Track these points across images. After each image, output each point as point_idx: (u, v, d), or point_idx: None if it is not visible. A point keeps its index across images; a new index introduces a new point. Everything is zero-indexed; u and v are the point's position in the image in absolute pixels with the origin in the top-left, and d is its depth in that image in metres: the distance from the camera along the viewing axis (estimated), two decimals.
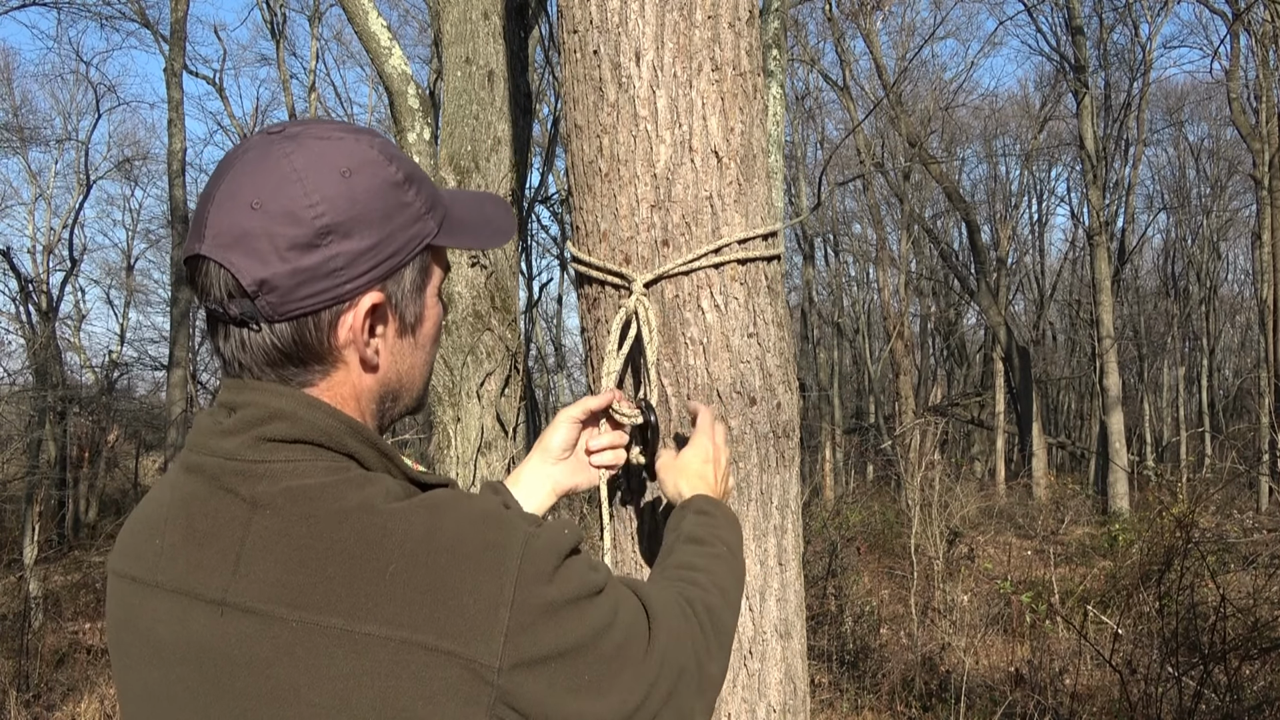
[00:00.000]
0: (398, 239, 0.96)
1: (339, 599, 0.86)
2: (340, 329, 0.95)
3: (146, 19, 21.17)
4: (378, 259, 0.95)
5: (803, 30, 22.76)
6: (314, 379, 0.97)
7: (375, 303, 0.96)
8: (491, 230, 1.09)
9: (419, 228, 0.98)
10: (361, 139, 0.97)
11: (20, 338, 21.96)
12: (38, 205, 27.96)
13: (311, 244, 0.91)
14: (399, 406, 1.05)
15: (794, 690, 1.64)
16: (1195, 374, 31.23)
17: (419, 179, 1.00)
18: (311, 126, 0.97)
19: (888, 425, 24.17)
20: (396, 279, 0.98)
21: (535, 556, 0.90)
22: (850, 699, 7.44)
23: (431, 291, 1.03)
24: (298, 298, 0.92)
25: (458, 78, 4.58)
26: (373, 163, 0.95)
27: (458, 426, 4.52)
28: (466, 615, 0.86)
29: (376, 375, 1.00)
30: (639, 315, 1.56)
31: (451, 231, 1.03)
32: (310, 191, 0.91)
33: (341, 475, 0.92)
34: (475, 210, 1.09)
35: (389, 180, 0.96)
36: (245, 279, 0.90)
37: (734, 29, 1.59)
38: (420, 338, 1.04)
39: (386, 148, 0.98)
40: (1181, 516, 6.83)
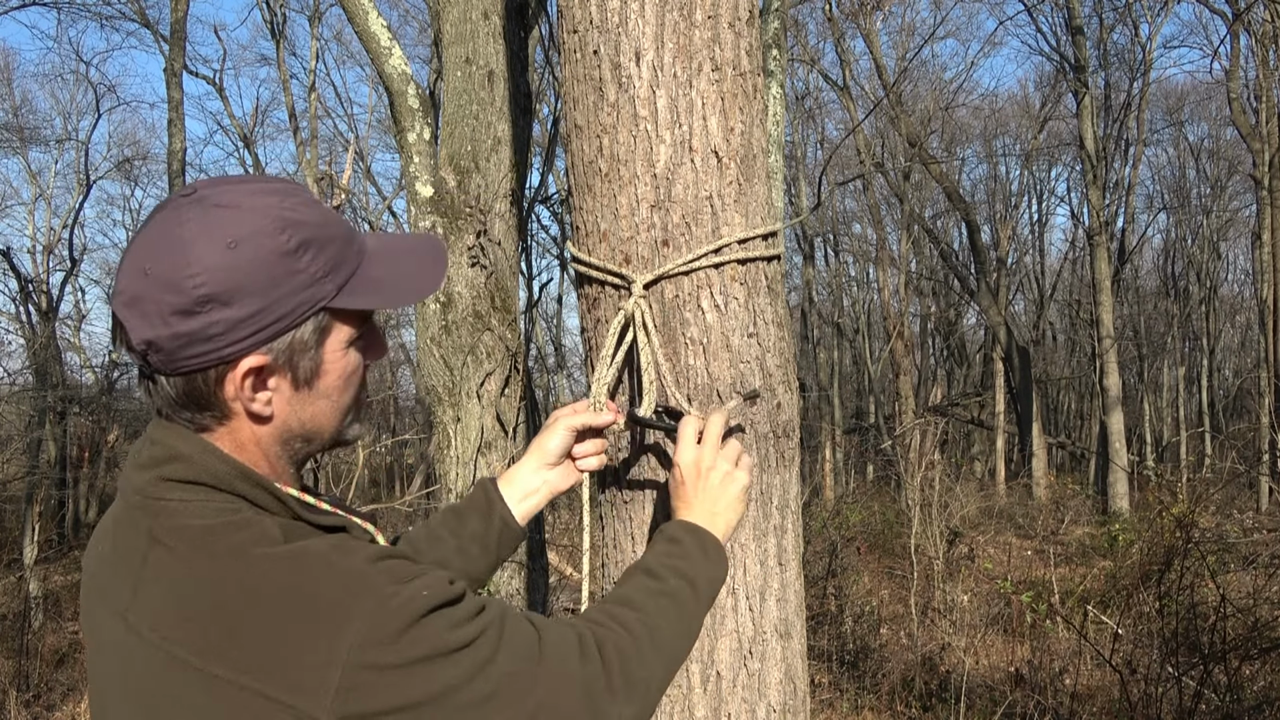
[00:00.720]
0: (283, 305, 1.02)
1: (199, 639, 0.96)
2: (226, 385, 1.03)
3: (146, 19, 21.18)
4: (259, 325, 1.02)
5: (803, 30, 22.77)
6: (212, 425, 1.06)
7: (253, 366, 1.03)
8: (405, 289, 1.12)
9: (311, 293, 1.04)
10: (259, 209, 1.02)
11: (20, 338, 21.97)
12: (38, 205, 27.98)
13: (191, 311, 0.99)
14: (312, 446, 1.14)
15: (794, 690, 1.64)
16: (1195, 374, 31.23)
17: (321, 242, 1.05)
18: (220, 190, 1.03)
19: (888, 425, 24.17)
20: (284, 340, 1.04)
21: (382, 620, 0.96)
22: (850, 699, 7.44)
23: (334, 346, 1.09)
24: (182, 357, 1.01)
25: (458, 78, 4.58)
26: (262, 233, 1.01)
27: (458, 426, 4.52)
28: (302, 670, 0.94)
29: (270, 425, 1.08)
30: (636, 319, 1.56)
31: (354, 292, 1.08)
32: (193, 262, 0.99)
33: (228, 518, 1.01)
34: (393, 267, 1.13)
35: (277, 250, 1.01)
36: (135, 338, 1.01)
37: (734, 29, 1.59)
38: (322, 388, 1.10)
39: (288, 212, 1.03)
40: (1181, 516, 6.83)
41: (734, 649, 1.59)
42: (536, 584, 4.83)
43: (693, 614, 1.29)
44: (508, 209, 4.66)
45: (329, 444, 1.15)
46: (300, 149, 21.16)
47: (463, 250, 4.50)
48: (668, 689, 1.59)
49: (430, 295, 1.21)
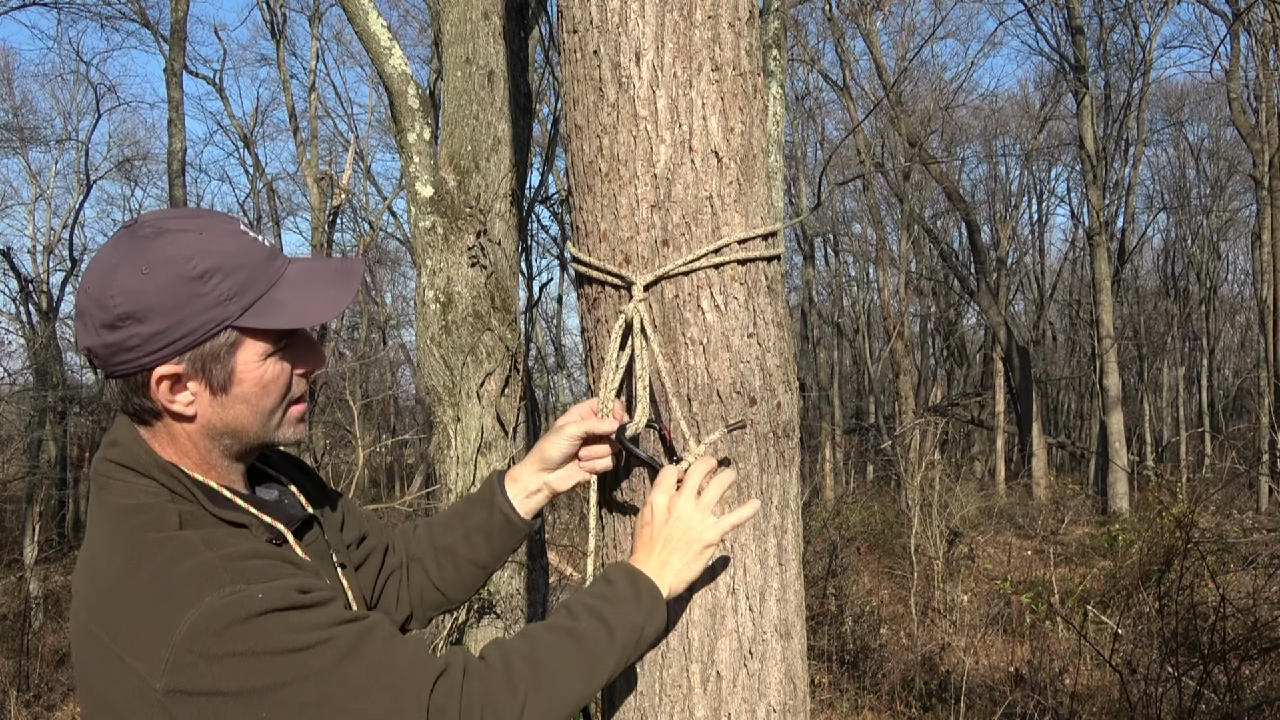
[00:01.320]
0: (190, 323, 1.18)
1: (94, 601, 1.18)
2: (150, 390, 1.22)
3: (146, 19, 21.18)
4: (168, 340, 1.18)
5: (803, 30, 22.77)
6: (151, 420, 1.25)
7: (165, 374, 1.21)
8: (307, 312, 1.24)
9: (214, 314, 1.19)
10: (176, 240, 1.18)
11: (20, 338, 21.97)
12: (38, 205, 27.98)
13: (114, 325, 1.17)
14: (241, 443, 1.29)
15: (794, 690, 1.64)
16: (1195, 374, 31.24)
17: (230, 269, 1.20)
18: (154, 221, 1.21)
19: (888, 425, 24.17)
20: (196, 352, 1.20)
21: (210, 615, 1.09)
22: (850, 699, 7.44)
23: (246, 360, 1.23)
24: (114, 363, 1.20)
25: (458, 78, 4.58)
26: (172, 260, 1.17)
27: (458, 426, 4.52)
28: (145, 642, 1.11)
29: (195, 424, 1.25)
30: (635, 324, 1.55)
31: (259, 313, 1.22)
32: (115, 284, 1.17)
33: (141, 499, 1.21)
34: (302, 291, 1.25)
35: (183, 275, 1.17)
36: (80, 345, 1.22)
37: (734, 29, 1.59)
38: (238, 395, 1.25)
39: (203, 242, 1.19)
40: (1181, 516, 6.83)
41: (734, 649, 1.59)
42: (536, 584, 4.83)
43: (598, 657, 1.32)
44: (508, 209, 4.66)
45: (257, 442, 1.29)
46: (300, 149, 21.17)
47: (463, 250, 4.50)
48: (668, 689, 1.59)
49: (331, 319, 1.31)
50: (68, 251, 24.37)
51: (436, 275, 4.54)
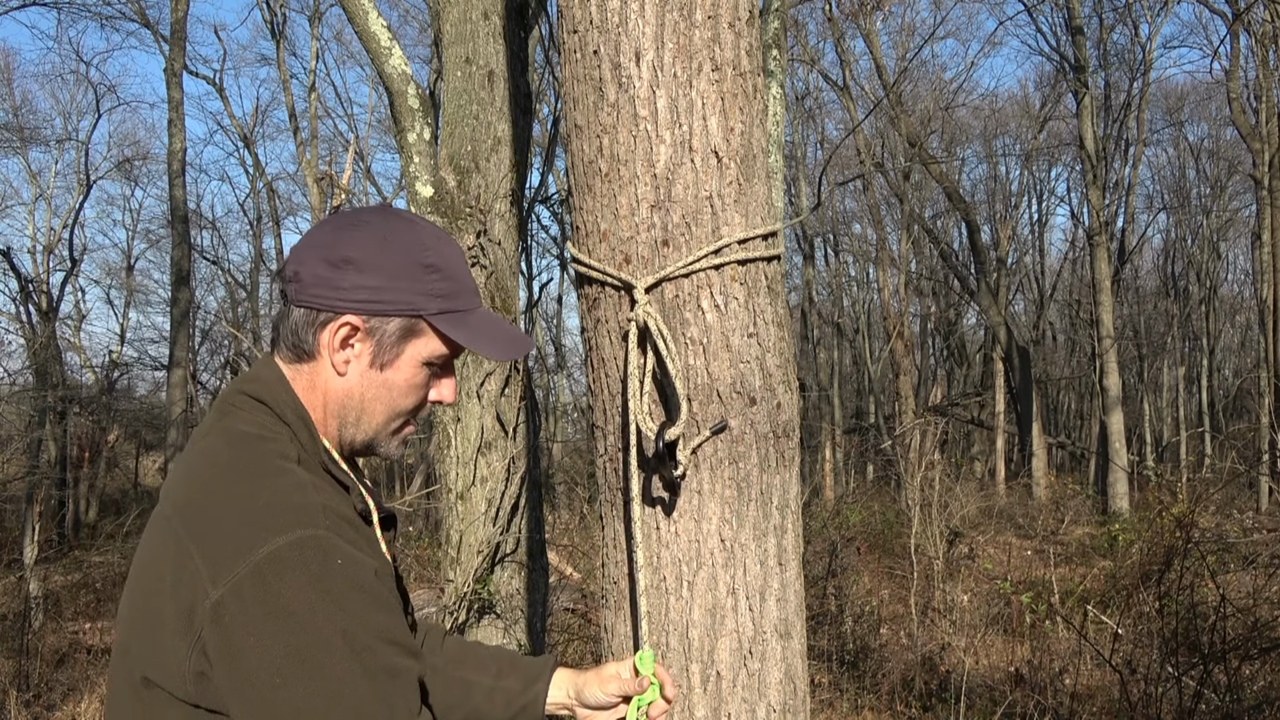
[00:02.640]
0: (395, 294, 1.26)
1: (187, 500, 1.19)
2: (324, 331, 1.27)
3: (146, 19, 21.17)
4: (371, 297, 1.26)
5: (803, 30, 22.76)
6: (301, 361, 1.30)
7: (350, 322, 1.27)
8: (484, 343, 1.33)
9: (418, 300, 1.28)
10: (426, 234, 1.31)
11: (20, 338, 21.97)
12: (38, 205, 27.96)
13: (334, 263, 1.26)
14: (359, 430, 1.33)
15: (794, 690, 1.64)
16: (1195, 374, 31.22)
17: (449, 276, 1.30)
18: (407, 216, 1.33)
19: (888, 425, 24.16)
20: (382, 320, 1.27)
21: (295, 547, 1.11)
22: (850, 699, 7.44)
23: (414, 353, 1.30)
24: (310, 293, 1.26)
25: (458, 78, 4.58)
26: (411, 244, 1.29)
27: (458, 426, 4.52)
28: (224, 549, 1.11)
29: (342, 384, 1.30)
30: (650, 327, 1.55)
31: (450, 322, 1.31)
32: (356, 236, 1.27)
33: (272, 433, 1.24)
34: (487, 329, 1.35)
35: (416, 260, 1.28)
36: (290, 267, 1.28)
37: (734, 29, 1.59)
38: (388, 379, 1.31)
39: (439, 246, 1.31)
40: (1181, 516, 6.83)
41: (734, 649, 1.59)
42: (536, 584, 4.83)
43: None
44: (508, 209, 4.66)
45: (370, 437, 1.33)
46: (300, 149, 21.17)
47: (463, 250, 4.50)
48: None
49: (497, 359, 1.45)
50: (68, 251, 24.36)
51: None
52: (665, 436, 1.53)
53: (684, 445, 1.55)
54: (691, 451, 1.56)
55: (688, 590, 1.59)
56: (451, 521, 4.58)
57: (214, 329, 28.35)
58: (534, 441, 4.87)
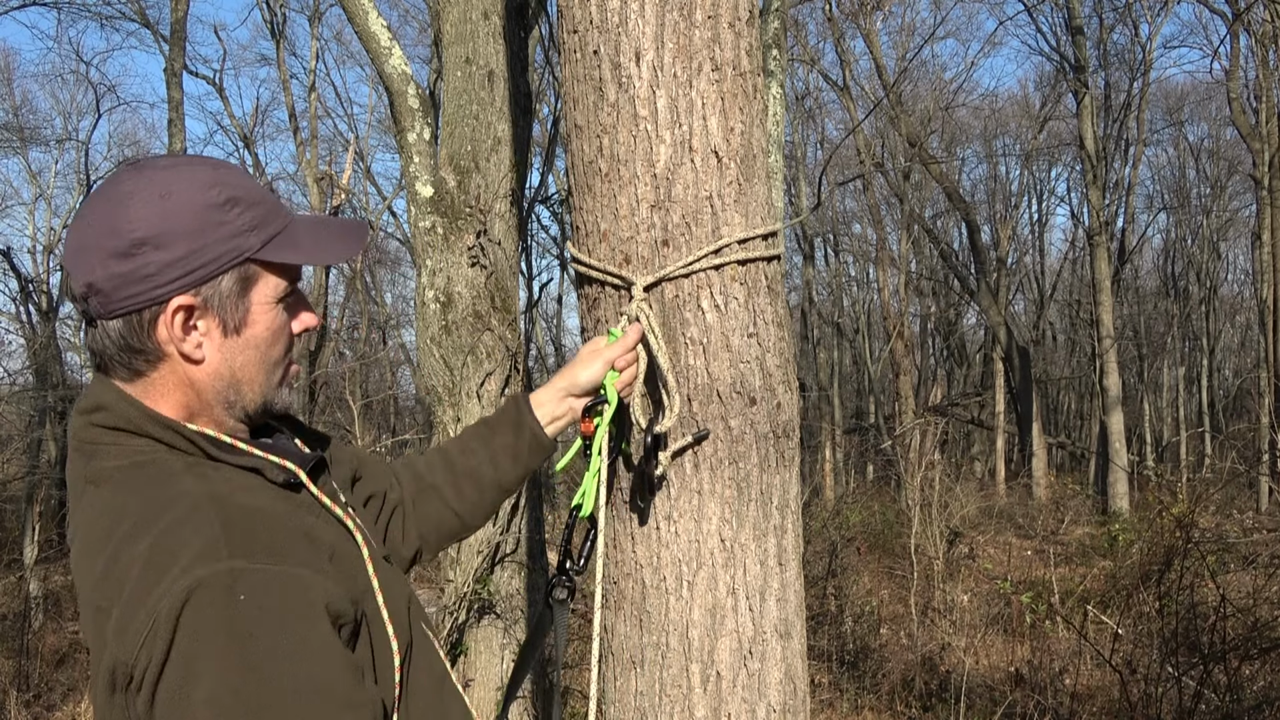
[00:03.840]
0: (211, 251, 1.12)
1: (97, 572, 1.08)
2: (159, 328, 1.13)
3: (146, 19, 21.17)
4: (188, 268, 1.11)
5: (803, 30, 22.76)
6: (146, 370, 1.16)
7: (182, 304, 1.13)
8: (323, 252, 1.22)
9: (237, 243, 1.14)
10: (197, 167, 1.15)
11: (20, 338, 21.96)
12: (38, 205, 27.95)
13: (127, 254, 1.09)
14: (245, 400, 1.21)
15: (794, 690, 1.64)
16: (1195, 374, 31.23)
17: (250, 202, 1.16)
18: (160, 159, 1.17)
19: (888, 425, 24.16)
20: (213, 285, 1.14)
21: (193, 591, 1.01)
22: (850, 699, 7.44)
23: (261, 299, 1.18)
24: (119, 299, 1.11)
25: (458, 78, 4.58)
26: (193, 187, 1.13)
27: (458, 426, 4.52)
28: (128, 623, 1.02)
29: (204, 368, 1.17)
30: (643, 323, 1.56)
31: (278, 248, 1.18)
32: (131, 211, 1.10)
33: (146, 456, 1.13)
34: (316, 235, 1.24)
35: (206, 202, 1.13)
36: (77, 283, 1.11)
37: (734, 29, 1.59)
38: (249, 338, 1.19)
39: (219, 175, 1.15)
40: (1181, 516, 6.83)
41: (734, 649, 1.59)
42: (536, 584, 4.83)
43: None
44: (508, 209, 4.66)
45: (259, 399, 1.22)
46: (300, 149, 21.17)
47: (463, 250, 4.50)
48: (668, 689, 1.59)
49: (343, 260, 1.30)
50: None
51: (436, 275, 4.54)
52: (651, 431, 1.53)
53: (666, 447, 1.55)
54: (673, 455, 1.57)
55: (688, 590, 1.59)
56: None
57: None
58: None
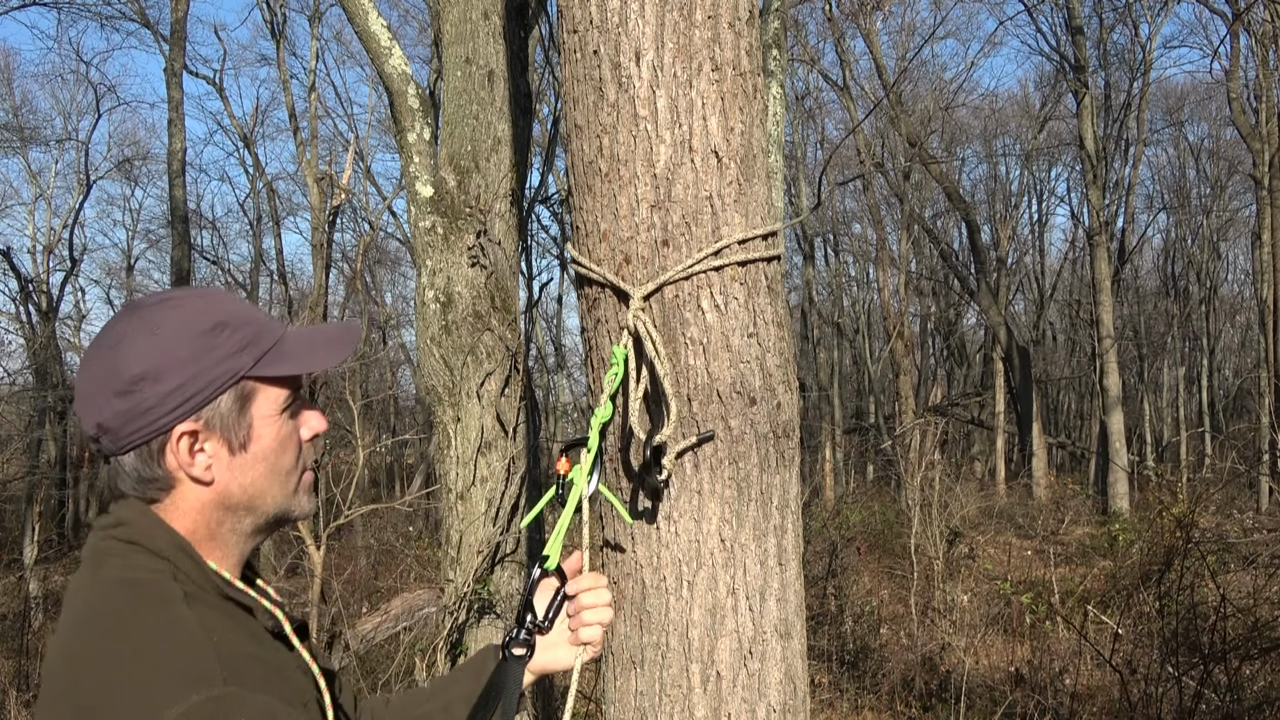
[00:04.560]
0: (204, 376, 1.17)
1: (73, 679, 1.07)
2: (167, 456, 1.18)
3: (146, 19, 21.17)
4: (185, 395, 1.17)
5: (803, 30, 22.76)
6: (160, 496, 1.20)
7: (185, 430, 1.17)
8: (313, 360, 1.26)
9: (228, 364, 1.19)
10: (186, 300, 1.21)
11: (20, 338, 21.97)
12: (38, 205, 27.96)
13: (127, 391, 1.15)
14: (257, 518, 1.25)
15: (794, 690, 1.64)
16: (1195, 374, 31.25)
17: (238, 324, 1.21)
18: (152, 297, 1.22)
19: (888, 425, 24.16)
20: (212, 407, 1.19)
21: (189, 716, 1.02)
22: (850, 699, 7.45)
23: (262, 413, 1.22)
24: (126, 434, 1.17)
25: (458, 78, 4.58)
26: (181, 319, 1.18)
27: (458, 426, 4.52)
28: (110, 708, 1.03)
29: (216, 488, 1.21)
30: (641, 333, 1.55)
31: (269, 363, 1.22)
32: (125, 351, 1.16)
33: (151, 575, 1.14)
34: (307, 344, 1.27)
35: (194, 330, 1.18)
36: (89, 426, 1.19)
37: (734, 29, 1.59)
38: (257, 453, 1.22)
39: (207, 304, 1.21)
40: (1181, 516, 6.83)
41: (734, 649, 1.59)
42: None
43: None
44: (508, 209, 4.66)
45: (274, 514, 1.26)
46: (300, 149, 21.16)
47: (463, 250, 4.50)
48: (668, 689, 1.59)
49: (337, 364, 1.32)
50: (68, 251, 24.37)
51: (436, 275, 4.54)
52: (651, 441, 1.52)
53: (669, 452, 1.55)
54: (676, 457, 1.56)
55: (688, 590, 1.59)
56: (451, 521, 4.58)
57: None
58: (534, 441, 4.88)
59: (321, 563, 5.88)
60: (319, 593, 5.96)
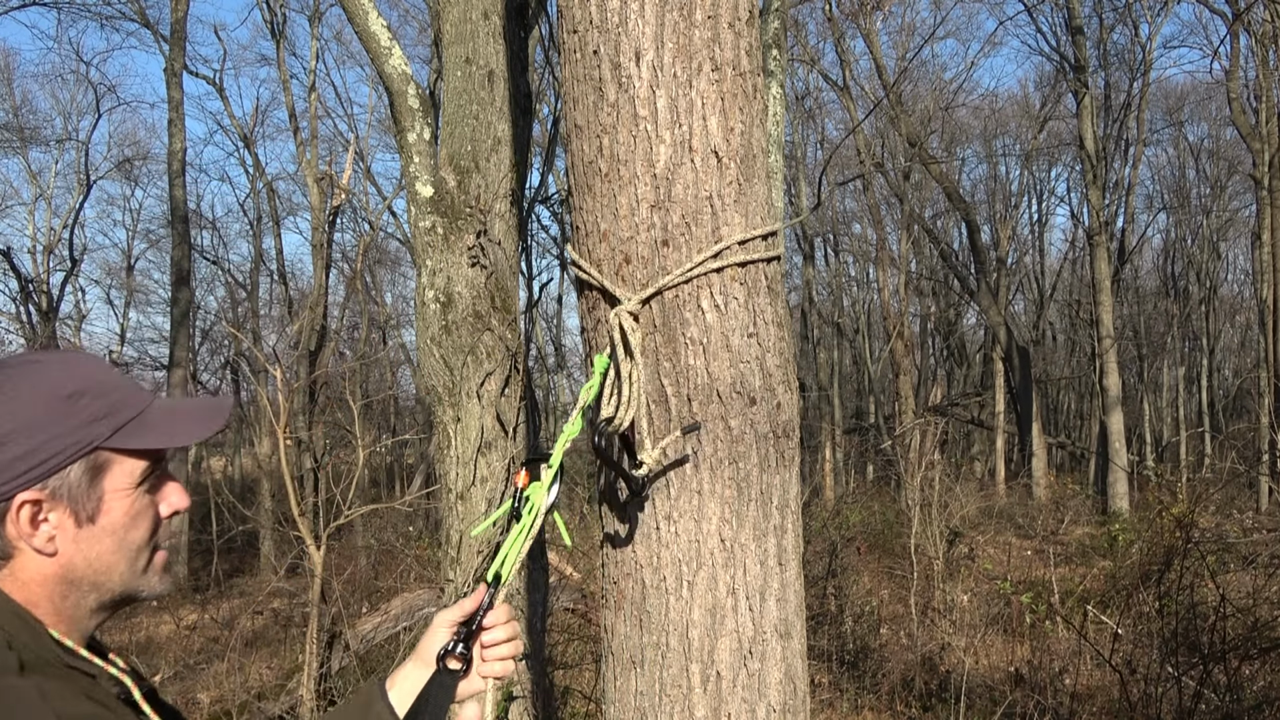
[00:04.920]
0: (55, 444, 1.11)
1: None
2: (7, 525, 1.10)
3: (146, 19, 21.17)
4: (32, 462, 1.09)
5: (803, 30, 22.76)
6: (3, 565, 1.12)
7: (27, 499, 1.10)
8: (176, 434, 1.19)
9: (83, 433, 1.12)
10: (47, 365, 1.14)
11: (20, 338, 21.96)
12: (38, 205, 27.97)
13: None
14: (102, 595, 1.17)
15: (794, 690, 1.64)
16: (1195, 374, 31.25)
17: (99, 393, 1.14)
18: (13, 360, 1.15)
19: (888, 425, 24.17)
20: (60, 477, 1.11)
21: None
22: (850, 699, 7.45)
23: (115, 486, 1.15)
24: None
25: (458, 78, 4.58)
26: (38, 384, 1.12)
27: (458, 426, 4.52)
28: None
29: (58, 560, 1.13)
30: (614, 339, 1.55)
31: (128, 435, 1.15)
32: None
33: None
34: (172, 417, 1.20)
35: (50, 396, 1.12)
36: None
37: (734, 29, 1.59)
38: (105, 526, 1.15)
39: (68, 371, 1.14)
40: (1181, 516, 6.83)
41: (734, 649, 1.59)
42: (537, 584, 4.83)
43: None
44: (508, 209, 4.66)
45: (121, 592, 1.19)
46: (300, 149, 21.16)
47: (463, 250, 4.50)
48: (668, 689, 1.59)
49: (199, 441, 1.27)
50: (68, 251, 24.36)
51: (436, 275, 4.54)
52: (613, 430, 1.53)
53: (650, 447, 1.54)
54: (661, 451, 1.56)
55: (688, 590, 1.59)
56: (451, 521, 4.58)
57: (214, 329, 28.37)
58: (534, 441, 4.87)
59: (321, 563, 5.88)
60: (319, 593, 5.96)
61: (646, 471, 1.54)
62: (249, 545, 18.00)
